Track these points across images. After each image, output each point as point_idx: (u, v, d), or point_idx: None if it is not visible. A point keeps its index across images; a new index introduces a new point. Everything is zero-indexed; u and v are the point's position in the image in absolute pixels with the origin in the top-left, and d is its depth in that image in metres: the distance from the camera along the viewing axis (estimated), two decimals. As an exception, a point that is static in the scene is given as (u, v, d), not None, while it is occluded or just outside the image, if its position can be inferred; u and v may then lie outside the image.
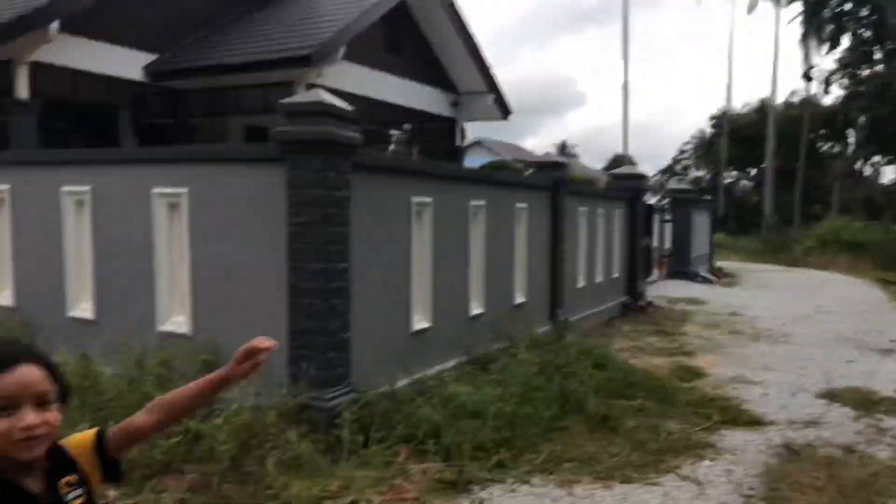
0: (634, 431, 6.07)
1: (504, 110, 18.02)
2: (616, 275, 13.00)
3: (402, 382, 6.07)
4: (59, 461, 1.68)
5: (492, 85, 17.36)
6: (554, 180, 9.68)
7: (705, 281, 20.30)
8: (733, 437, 6.11)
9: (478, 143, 35.85)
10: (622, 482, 5.01)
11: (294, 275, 5.32)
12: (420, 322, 6.65)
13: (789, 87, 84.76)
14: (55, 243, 6.76)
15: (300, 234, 5.25)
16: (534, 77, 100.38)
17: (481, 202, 7.68)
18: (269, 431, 4.91)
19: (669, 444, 5.85)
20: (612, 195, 12.77)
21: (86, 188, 6.48)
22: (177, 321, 6.12)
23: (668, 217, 20.66)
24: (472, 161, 23.02)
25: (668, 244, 20.73)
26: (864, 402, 7.30)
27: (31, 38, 11.35)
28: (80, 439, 1.76)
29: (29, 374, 1.57)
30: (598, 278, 12.00)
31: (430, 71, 17.27)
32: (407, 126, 16.78)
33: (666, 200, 20.77)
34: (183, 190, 5.86)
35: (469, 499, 4.58)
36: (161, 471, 4.61)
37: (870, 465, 5.50)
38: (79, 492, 1.68)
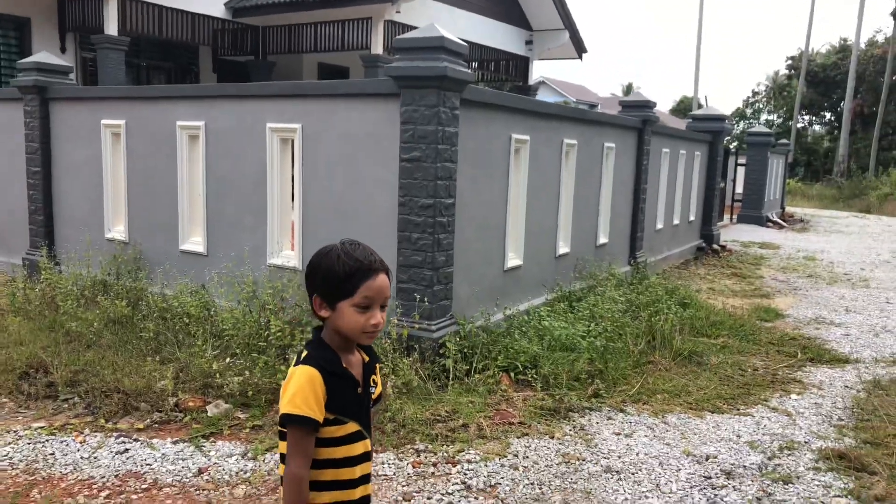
0: (720, 367, 6.29)
1: (579, 48, 17.77)
2: (692, 218, 12.99)
3: (497, 317, 6.38)
4: (372, 361, 2.03)
5: (568, 22, 17.11)
6: (642, 119, 9.66)
7: (776, 225, 19.98)
8: (819, 374, 6.28)
9: (543, 83, 35.31)
10: (713, 412, 5.26)
11: (403, 209, 5.60)
12: (513, 259, 6.91)
13: (874, 24, 79.92)
14: (169, 178, 7.14)
15: (411, 170, 5.50)
16: (594, 14, 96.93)
17: (573, 141, 7.81)
18: (383, 359, 5.27)
19: (755, 378, 6.06)
20: (693, 137, 12.64)
21: (199, 123, 6.81)
22: (286, 255, 6.48)
23: (742, 161, 20.26)
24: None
25: (740, 188, 20.39)
26: (952, 346, 7.36)
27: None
28: (379, 371, 2.11)
29: (384, 282, 1.87)
30: (676, 221, 12.03)
31: (506, 7, 17.09)
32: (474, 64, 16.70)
33: (737, 144, 20.31)
34: (296, 125, 6.14)
35: (570, 424, 4.89)
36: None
37: (962, 403, 5.63)
38: (374, 389, 2.02)
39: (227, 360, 5.28)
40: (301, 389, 1.79)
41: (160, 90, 8.05)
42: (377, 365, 2.07)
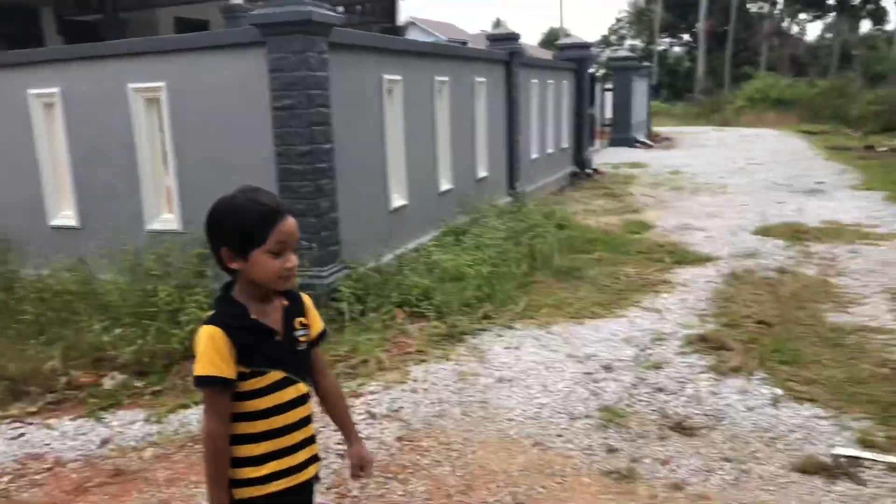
0: (597, 278, 6.79)
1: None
2: (565, 145, 13.54)
3: (387, 257, 6.57)
4: (295, 304, 1.97)
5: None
6: (508, 52, 9.92)
7: (644, 146, 21.09)
8: (684, 273, 6.91)
9: (412, 24, 35.03)
10: (592, 318, 5.72)
11: (282, 159, 5.62)
12: (398, 200, 7.08)
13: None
14: (27, 152, 6.76)
15: (285, 118, 5.51)
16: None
17: (445, 78, 7.97)
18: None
19: (629, 285, 6.60)
20: (559, 66, 13.07)
21: (54, 90, 6.43)
22: (166, 218, 6.36)
23: (608, 86, 21.09)
24: (411, 43, 22.67)
25: (608, 113, 21.28)
26: (794, 234, 8.28)
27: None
28: (315, 312, 2.02)
29: (294, 223, 1.82)
30: (550, 149, 12.53)
31: (366, -52, 16.72)
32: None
33: (603, 70, 21.13)
34: (160, 84, 5.96)
35: (464, 346, 5.20)
36: (181, 358, 5.00)
37: (800, 280, 6.39)
38: (305, 331, 1.96)
39: (118, 331, 5.21)
40: (206, 350, 1.77)
41: (6, 57, 7.52)
42: (305, 304, 2.00)
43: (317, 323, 2.01)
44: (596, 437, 3.75)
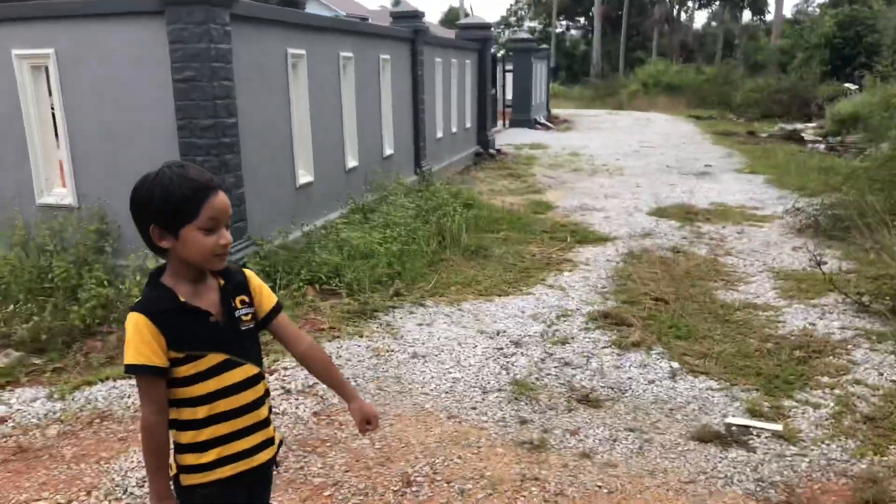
0: (503, 257, 6.96)
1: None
2: (469, 125, 13.68)
3: (295, 234, 6.49)
4: (233, 283, 1.86)
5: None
6: (413, 30, 9.90)
7: (544, 127, 21.60)
8: (585, 252, 7.18)
9: (312, -3, 34.17)
10: (500, 295, 5.87)
11: (184, 132, 5.41)
12: (304, 176, 6.97)
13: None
14: None
15: (187, 91, 5.30)
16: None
17: (349, 54, 7.87)
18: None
19: (534, 263, 6.80)
20: (463, 46, 13.15)
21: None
22: (59, 192, 6.02)
23: (509, 67, 21.40)
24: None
25: (509, 94, 21.63)
26: (686, 215, 8.76)
27: None
28: (262, 287, 1.92)
29: (225, 198, 1.75)
30: (454, 129, 12.63)
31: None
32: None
33: (503, 52, 21.42)
34: (48, 50, 5.59)
35: (376, 323, 5.22)
36: (82, 335, 4.82)
37: (693, 259, 6.79)
38: (249, 310, 1.87)
39: (11, 307, 4.92)
40: (131, 338, 1.70)
41: None
42: (248, 282, 1.90)
43: (266, 298, 1.92)
44: (508, 410, 3.88)
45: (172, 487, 1.82)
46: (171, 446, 1.83)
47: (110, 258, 5.52)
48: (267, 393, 1.92)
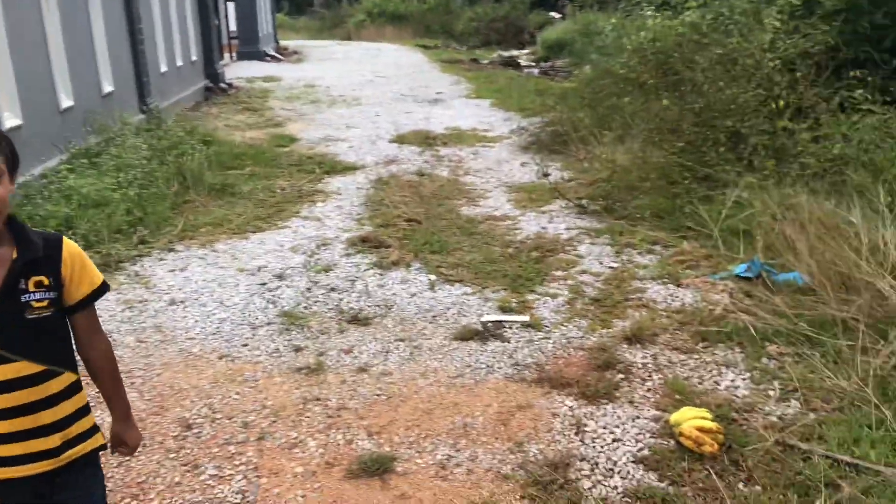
0: (253, 193, 6.79)
1: None
2: (195, 58, 12.83)
3: (7, 185, 5.70)
4: (30, 257, 1.51)
5: None
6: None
7: (274, 59, 20.92)
8: (335, 182, 7.27)
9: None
10: (255, 232, 5.76)
11: None
12: (10, 119, 6.11)
13: None
14: None
15: None
16: None
17: (49, -21, 6.92)
18: None
19: (285, 197, 6.74)
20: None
21: None
22: None
23: (231, -4, 20.23)
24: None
25: (234, 25, 20.52)
26: (425, 140, 9.19)
27: None
28: (84, 270, 1.59)
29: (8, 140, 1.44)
30: (179, 62, 11.77)
31: None
32: None
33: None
34: None
35: (124, 274, 4.86)
36: None
37: (437, 181, 7.21)
38: (44, 295, 1.53)
39: None
40: None
41: None
42: (60, 259, 1.56)
43: (83, 285, 1.59)
44: (280, 341, 3.90)
45: None
46: None
47: None
48: (65, 395, 1.63)
